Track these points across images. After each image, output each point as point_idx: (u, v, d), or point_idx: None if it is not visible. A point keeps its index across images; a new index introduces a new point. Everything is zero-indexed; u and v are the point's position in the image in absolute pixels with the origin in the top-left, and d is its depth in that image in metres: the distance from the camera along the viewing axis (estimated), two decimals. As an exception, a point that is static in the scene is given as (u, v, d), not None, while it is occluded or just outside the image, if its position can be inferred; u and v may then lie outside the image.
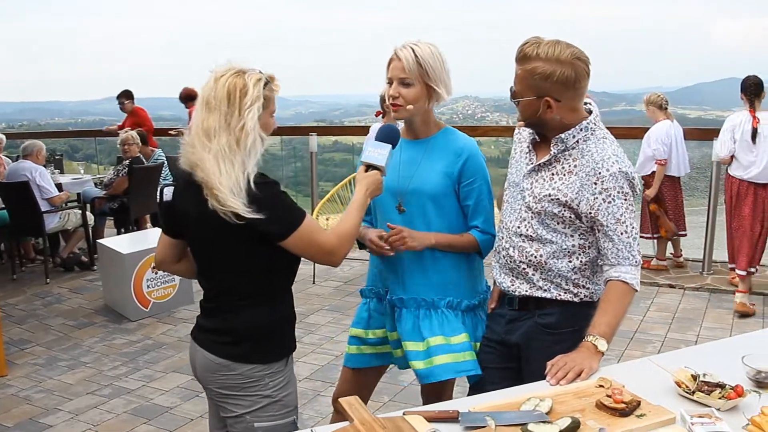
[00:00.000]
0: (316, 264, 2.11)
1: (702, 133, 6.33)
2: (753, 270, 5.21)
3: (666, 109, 5.86)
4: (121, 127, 8.37)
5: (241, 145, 1.83)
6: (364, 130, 7.01)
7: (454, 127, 2.41)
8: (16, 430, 3.56)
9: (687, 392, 1.73)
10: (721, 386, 1.71)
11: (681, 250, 6.23)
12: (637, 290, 2.01)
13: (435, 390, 2.40)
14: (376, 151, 2.15)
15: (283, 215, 1.88)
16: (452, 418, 1.63)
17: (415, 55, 2.19)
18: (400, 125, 2.39)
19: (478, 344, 2.32)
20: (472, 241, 2.32)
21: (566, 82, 1.95)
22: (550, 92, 1.95)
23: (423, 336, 2.28)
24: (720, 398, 1.68)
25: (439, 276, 2.32)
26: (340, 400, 1.71)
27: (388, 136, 2.18)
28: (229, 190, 1.79)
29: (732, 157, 5.18)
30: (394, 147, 2.17)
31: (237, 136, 1.83)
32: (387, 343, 2.45)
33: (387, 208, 2.35)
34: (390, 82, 2.25)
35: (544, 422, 1.58)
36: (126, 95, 8.54)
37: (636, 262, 2.01)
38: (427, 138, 2.33)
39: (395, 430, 1.54)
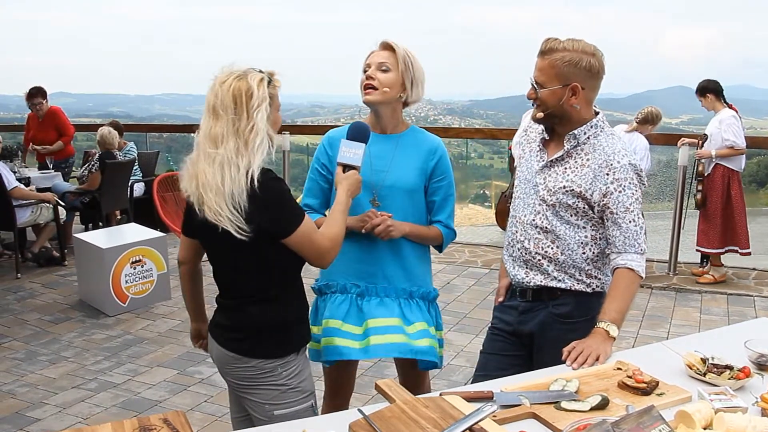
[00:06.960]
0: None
1: (668, 138, 6.55)
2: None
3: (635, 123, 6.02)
4: (31, 136, 7.48)
5: (249, 146, 1.87)
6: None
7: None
8: (4, 423, 3.52)
9: (698, 373, 1.86)
10: (730, 368, 1.84)
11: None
12: (642, 277, 2.13)
13: (415, 379, 2.51)
14: (351, 151, 2.18)
15: (287, 212, 1.94)
16: (487, 397, 1.72)
17: (399, 47, 2.32)
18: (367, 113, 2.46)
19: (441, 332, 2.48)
20: (438, 234, 2.44)
21: (591, 69, 2.10)
22: (576, 79, 2.09)
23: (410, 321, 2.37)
24: (729, 378, 1.81)
25: (413, 267, 2.41)
26: (377, 382, 1.77)
27: (359, 133, 2.22)
28: (226, 198, 1.85)
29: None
30: (366, 143, 2.21)
31: (246, 138, 1.87)
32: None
33: (361, 202, 2.39)
34: (366, 70, 2.34)
35: (575, 400, 1.69)
36: (42, 94, 7.34)
37: (641, 250, 2.13)
38: (396, 134, 2.42)
39: (437, 409, 1.62)
